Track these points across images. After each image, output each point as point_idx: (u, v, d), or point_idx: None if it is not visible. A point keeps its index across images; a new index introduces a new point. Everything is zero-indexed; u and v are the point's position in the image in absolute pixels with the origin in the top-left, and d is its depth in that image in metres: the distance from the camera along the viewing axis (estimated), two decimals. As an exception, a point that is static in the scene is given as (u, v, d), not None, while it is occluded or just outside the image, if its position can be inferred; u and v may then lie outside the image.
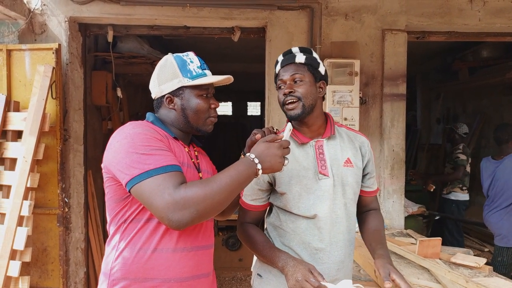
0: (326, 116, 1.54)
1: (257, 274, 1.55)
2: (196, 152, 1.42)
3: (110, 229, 1.27)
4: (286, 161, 1.23)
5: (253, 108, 12.06)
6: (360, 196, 1.57)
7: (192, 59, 1.36)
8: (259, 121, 10.90)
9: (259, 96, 10.59)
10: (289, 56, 1.48)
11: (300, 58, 1.46)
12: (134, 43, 3.90)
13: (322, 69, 1.50)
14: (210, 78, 1.34)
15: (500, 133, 3.42)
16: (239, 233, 1.56)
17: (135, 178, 1.11)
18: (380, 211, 1.65)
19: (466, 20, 3.21)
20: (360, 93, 3.14)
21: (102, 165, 1.25)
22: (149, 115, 1.38)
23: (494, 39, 3.49)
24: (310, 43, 3.12)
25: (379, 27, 3.19)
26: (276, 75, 1.51)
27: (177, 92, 1.33)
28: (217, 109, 1.40)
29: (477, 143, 5.83)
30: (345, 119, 3.08)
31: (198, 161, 1.39)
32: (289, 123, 1.32)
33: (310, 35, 3.13)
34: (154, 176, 1.10)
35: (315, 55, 1.50)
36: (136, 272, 1.20)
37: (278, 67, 1.50)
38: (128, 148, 1.15)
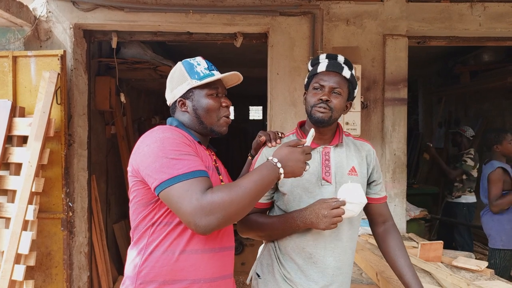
0: (336, 125, 1.57)
1: (256, 273, 1.57)
2: (214, 156, 1.45)
3: (135, 233, 1.27)
4: (307, 167, 1.26)
5: (255, 112, 12.10)
6: (370, 205, 1.59)
7: (199, 62, 1.39)
8: (261, 125, 10.92)
9: (261, 100, 10.63)
10: (336, 64, 1.48)
11: (347, 73, 1.47)
12: (137, 48, 3.94)
13: (356, 92, 1.54)
14: (216, 76, 1.37)
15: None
16: (240, 227, 1.56)
17: (164, 182, 1.13)
18: (394, 223, 1.65)
19: (466, 25, 3.23)
20: (361, 97, 3.16)
21: (129, 169, 1.27)
22: (172, 120, 1.40)
23: (494, 43, 3.51)
24: (312, 48, 3.15)
25: (380, 32, 3.22)
26: (315, 74, 1.50)
27: (187, 94, 1.36)
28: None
29: (478, 147, 5.84)
30: (347, 123, 3.10)
31: (217, 164, 1.42)
32: (312, 129, 1.35)
33: (311, 41, 3.16)
34: (183, 181, 1.12)
35: (354, 72, 1.53)
36: (165, 275, 1.21)
37: (322, 68, 1.48)
38: (158, 152, 1.17)
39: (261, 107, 11.64)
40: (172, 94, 1.39)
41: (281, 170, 1.20)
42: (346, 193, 1.33)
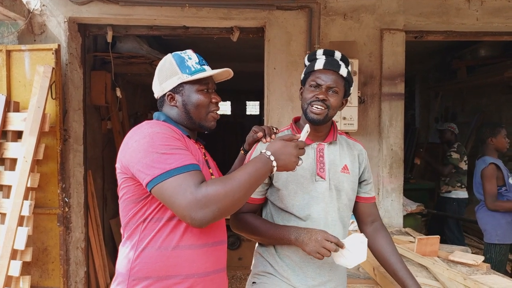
0: (331, 122, 1.58)
1: (252, 282, 1.57)
2: (203, 149, 1.44)
3: (126, 230, 1.26)
4: (300, 162, 1.25)
5: (252, 108, 12.06)
6: (359, 204, 1.61)
7: (190, 55, 1.37)
8: (258, 121, 10.90)
9: (258, 96, 10.60)
10: (333, 62, 1.47)
11: (344, 71, 1.47)
12: (133, 43, 3.90)
13: (351, 89, 1.54)
14: (208, 72, 1.35)
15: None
16: (234, 223, 1.55)
17: (157, 178, 1.12)
18: (383, 223, 1.66)
19: (463, 19, 3.22)
20: (358, 92, 3.15)
21: (117, 166, 1.25)
22: (160, 114, 1.38)
23: (491, 38, 3.51)
24: (309, 43, 3.13)
25: (377, 26, 3.21)
26: (312, 71, 1.49)
27: (177, 88, 1.35)
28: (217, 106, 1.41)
29: (475, 142, 5.85)
30: (344, 118, 3.09)
31: (206, 158, 1.41)
32: (307, 125, 1.34)
33: (308, 35, 3.14)
34: (176, 176, 1.11)
35: (350, 69, 1.52)
36: (158, 271, 1.20)
37: (319, 65, 1.47)
38: (148, 147, 1.16)
39: (258, 102, 11.60)
40: (160, 87, 1.37)
41: (274, 163, 1.20)
42: (352, 241, 1.32)
